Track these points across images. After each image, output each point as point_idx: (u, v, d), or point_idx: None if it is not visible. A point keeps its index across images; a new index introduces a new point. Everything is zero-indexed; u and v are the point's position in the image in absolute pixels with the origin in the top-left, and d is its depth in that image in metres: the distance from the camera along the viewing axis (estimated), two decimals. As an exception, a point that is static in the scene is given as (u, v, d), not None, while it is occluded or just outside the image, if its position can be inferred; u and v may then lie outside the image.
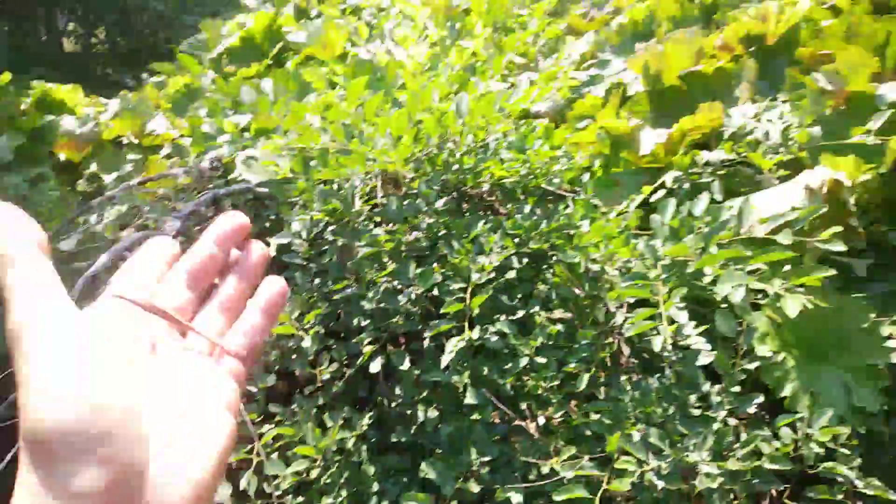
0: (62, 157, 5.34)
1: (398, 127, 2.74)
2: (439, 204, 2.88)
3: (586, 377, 2.17)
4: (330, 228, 3.12)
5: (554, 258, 2.59)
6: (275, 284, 0.68)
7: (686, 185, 2.67)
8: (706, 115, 2.82)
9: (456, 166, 3.00)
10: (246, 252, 0.70)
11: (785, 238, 1.85)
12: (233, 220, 0.69)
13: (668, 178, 2.71)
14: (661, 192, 2.76)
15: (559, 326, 2.46)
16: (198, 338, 0.64)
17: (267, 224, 4.04)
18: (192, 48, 6.43)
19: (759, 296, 2.14)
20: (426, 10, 3.74)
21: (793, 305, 1.80)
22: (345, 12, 6.09)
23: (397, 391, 2.61)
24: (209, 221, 3.34)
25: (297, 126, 2.75)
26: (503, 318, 2.52)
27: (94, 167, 5.36)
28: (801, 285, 1.92)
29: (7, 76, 5.13)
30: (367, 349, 2.48)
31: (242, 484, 2.21)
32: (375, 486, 2.23)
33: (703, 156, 2.68)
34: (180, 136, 5.72)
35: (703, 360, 2.08)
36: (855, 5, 2.93)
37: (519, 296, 2.58)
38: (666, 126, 3.06)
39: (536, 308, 2.48)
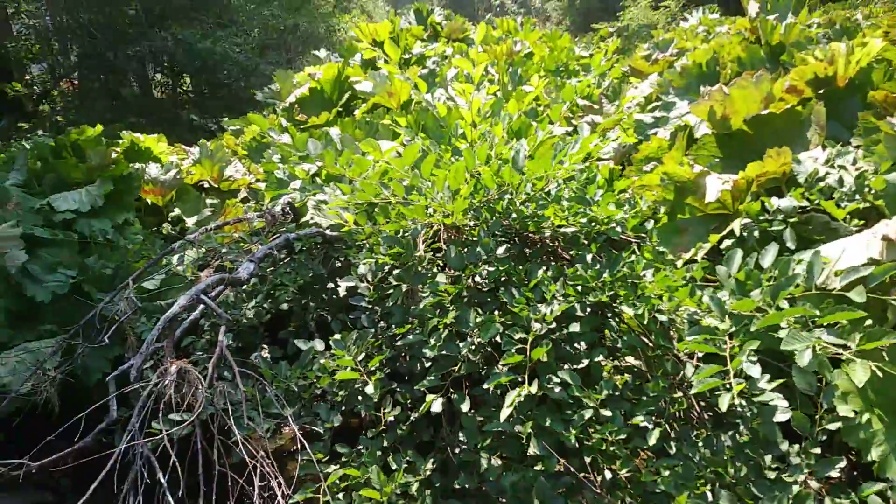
0: (148, 201, 5.68)
1: (455, 181, 2.81)
2: (500, 251, 2.92)
3: (656, 433, 2.12)
4: (395, 272, 3.20)
5: (618, 308, 2.57)
6: None
7: (756, 233, 2.61)
8: (775, 160, 2.76)
9: (515, 214, 3.05)
10: None
11: (858, 296, 1.78)
12: None
13: (737, 225, 2.66)
14: (730, 240, 2.71)
15: (626, 376, 2.43)
16: None
17: (338, 265, 4.18)
18: (266, 97, 6.76)
19: (840, 349, 2.04)
20: (483, 63, 3.84)
21: (861, 372, 1.72)
22: (409, 62, 6.29)
23: (461, 437, 2.62)
24: (281, 263, 3.46)
25: (360, 181, 2.86)
26: (567, 366, 2.51)
27: (177, 211, 5.67)
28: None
29: (99, 128, 5.51)
30: (430, 397, 2.50)
31: (310, 526, 2.26)
32: (440, 534, 2.24)
33: (774, 203, 2.62)
34: (256, 181, 6.00)
35: (780, 417, 2.00)
36: (932, 45, 2.84)
37: (583, 343, 2.57)
38: (733, 171, 3.01)
39: (601, 357, 2.47)
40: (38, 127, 12.87)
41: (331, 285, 4.01)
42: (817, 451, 1.92)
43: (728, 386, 1.93)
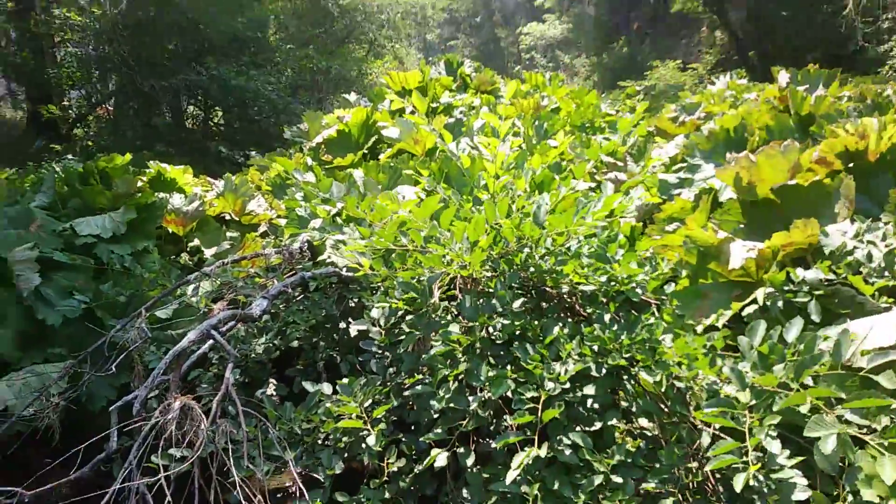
0: (169, 230, 5.73)
1: (475, 233, 2.79)
2: (516, 305, 2.87)
3: (669, 502, 2.04)
4: (408, 318, 3.16)
5: (634, 370, 2.50)
6: None
7: (780, 304, 2.54)
8: (802, 231, 2.72)
9: (533, 268, 3.01)
10: None
11: (888, 381, 1.71)
12: None
13: (760, 294, 2.60)
14: (752, 308, 2.64)
15: (640, 442, 2.35)
16: None
17: (351, 305, 4.15)
18: (294, 135, 6.86)
19: (864, 430, 1.94)
20: (510, 118, 3.88)
21: (890, 469, 1.63)
22: (437, 110, 6.37)
23: (465, 494, 2.54)
24: (294, 301, 3.43)
25: (379, 229, 2.86)
26: (579, 428, 2.43)
27: (196, 241, 5.71)
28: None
29: (128, 157, 5.61)
30: (435, 451, 2.43)
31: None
32: None
33: (800, 274, 2.56)
34: (277, 217, 6.04)
35: (799, 495, 1.90)
36: (966, 125, 2.80)
37: (596, 405, 2.49)
38: (757, 239, 2.96)
39: (614, 420, 2.39)
40: (69, 150, 13.19)
41: (342, 325, 3.98)
42: (838, 537, 1.82)
43: (745, 463, 1.84)
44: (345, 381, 2.89)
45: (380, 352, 3.19)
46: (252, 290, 4.25)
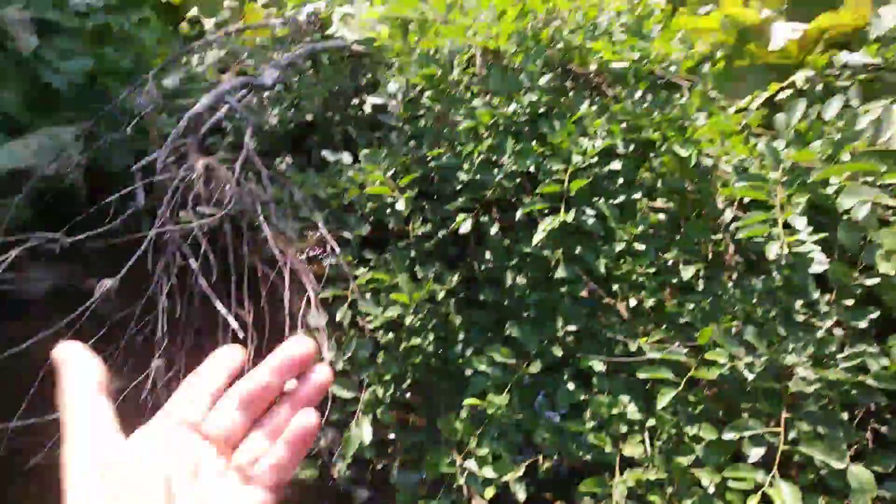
0: (163, -2, 5.36)
1: (502, 2, 2.63)
2: (543, 81, 2.79)
3: (691, 269, 2.14)
4: (426, 94, 3.08)
5: (663, 148, 2.50)
6: (305, 419, 0.69)
7: (819, 87, 2.49)
8: (852, 12, 2.58)
9: (561, 44, 2.88)
10: (304, 381, 0.71)
11: (932, 153, 1.73)
12: (298, 348, 0.71)
13: (800, 77, 2.53)
14: (788, 93, 2.60)
15: (661, 216, 2.42)
16: (237, 463, 0.68)
17: (363, 82, 4.02)
18: None
19: (889, 212, 2.00)
20: None
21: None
22: None
23: (487, 255, 2.65)
24: (306, 74, 3.31)
25: (396, -5, 2.68)
26: (602, 201, 2.48)
27: (194, 10, 5.38)
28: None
29: None
30: (461, 216, 2.50)
31: (338, 316, 2.35)
32: (461, 335, 2.33)
33: (842, 57, 2.48)
34: (279, -15, 5.63)
35: (817, 268, 1.95)
36: None
37: (621, 180, 2.52)
38: (802, 19, 2.82)
39: (638, 195, 2.43)
40: None
41: (356, 101, 3.89)
42: (850, 302, 1.94)
43: (774, 235, 1.89)
44: (366, 151, 2.88)
45: (399, 125, 3.15)
46: (259, 62, 4.09)
